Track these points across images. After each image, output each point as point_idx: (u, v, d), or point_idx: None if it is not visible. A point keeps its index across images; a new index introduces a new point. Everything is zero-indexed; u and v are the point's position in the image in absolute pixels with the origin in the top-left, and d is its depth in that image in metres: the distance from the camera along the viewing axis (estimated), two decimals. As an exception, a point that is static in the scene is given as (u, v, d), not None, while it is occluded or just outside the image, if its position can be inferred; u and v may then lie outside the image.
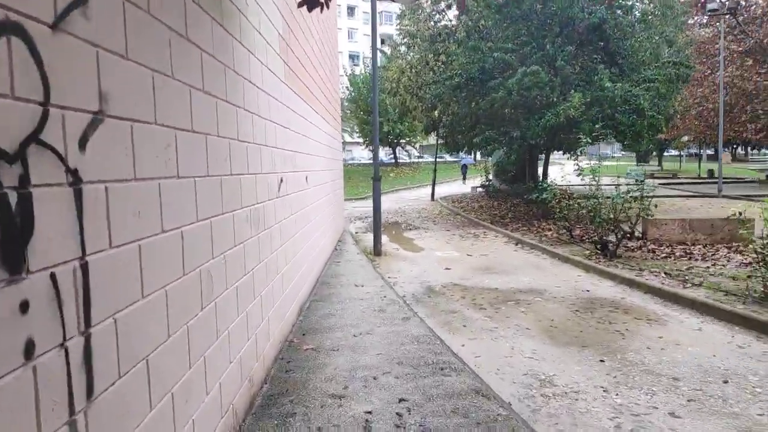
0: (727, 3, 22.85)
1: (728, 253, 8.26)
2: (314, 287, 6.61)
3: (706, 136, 29.20)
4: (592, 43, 12.13)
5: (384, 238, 10.95)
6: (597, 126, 11.71)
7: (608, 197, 8.70)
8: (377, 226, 9.40)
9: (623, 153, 56.97)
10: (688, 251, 8.53)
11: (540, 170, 17.38)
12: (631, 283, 6.80)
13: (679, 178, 32.87)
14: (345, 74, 43.23)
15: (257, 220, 3.93)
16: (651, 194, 8.31)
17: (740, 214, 6.39)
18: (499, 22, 12.90)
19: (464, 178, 30.42)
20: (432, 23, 15.27)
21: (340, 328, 4.97)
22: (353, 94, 41.88)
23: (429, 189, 25.79)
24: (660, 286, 6.43)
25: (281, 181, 4.83)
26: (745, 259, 7.77)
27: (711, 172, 32.41)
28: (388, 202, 20.03)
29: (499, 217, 14.28)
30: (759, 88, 23.32)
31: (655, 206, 8.18)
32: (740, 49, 23.48)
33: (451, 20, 15.63)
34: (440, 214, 16.46)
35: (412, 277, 7.69)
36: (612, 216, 8.47)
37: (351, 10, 69.22)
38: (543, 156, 16.62)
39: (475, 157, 52.16)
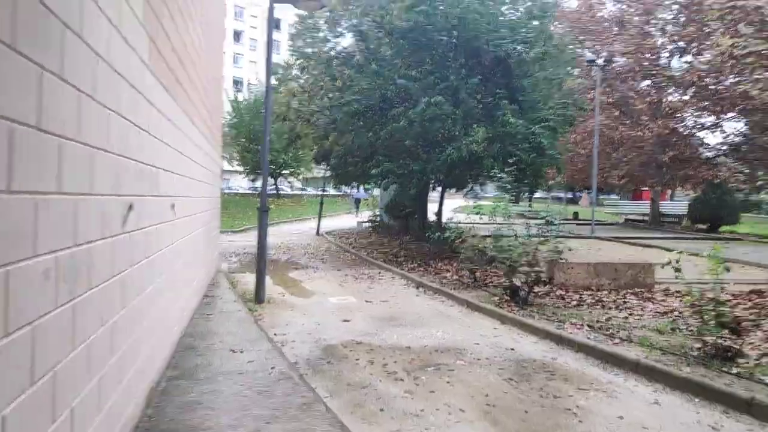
0: (602, 57, 24.82)
1: (639, 301, 7.90)
2: (173, 354, 4.93)
3: (576, 180, 31.31)
4: (495, 77, 11.82)
5: (267, 281, 9.36)
6: (498, 163, 11.33)
7: (518, 237, 8.06)
8: (261, 267, 7.85)
9: (495, 193, 60.25)
10: (597, 298, 8.08)
11: (430, 207, 16.89)
12: (557, 340, 5.99)
13: (547, 218, 34.93)
14: (228, 99, 40.96)
15: (73, 273, 2.37)
16: (562, 236, 7.76)
17: (676, 262, 5.85)
18: (401, 50, 12.21)
19: (357, 212, 29.49)
20: (328, 46, 14.24)
21: None
22: (235, 120, 39.64)
23: (313, 223, 24.45)
24: (589, 342, 5.68)
25: (130, 208, 3.27)
26: (658, 308, 7.42)
27: (576, 214, 34.80)
28: (270, 236, 18.18)
29: (392, 256, 13.30)
30: (623, 137, 25.39)
31: (569, 249, 7.65)
32: (609, 100, 25.49)
33: (345, 47, 14.75)
34: (328, 251, 15.15)
35: (305, 334, 6.26)
36: (526, 259, 7.78)
37: (237, 35, 67.04)
38: (435, 192, 16.16)
39: (363, 191, 52.11)
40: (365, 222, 22.64)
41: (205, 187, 7.59)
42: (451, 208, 25.74)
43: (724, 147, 27.51)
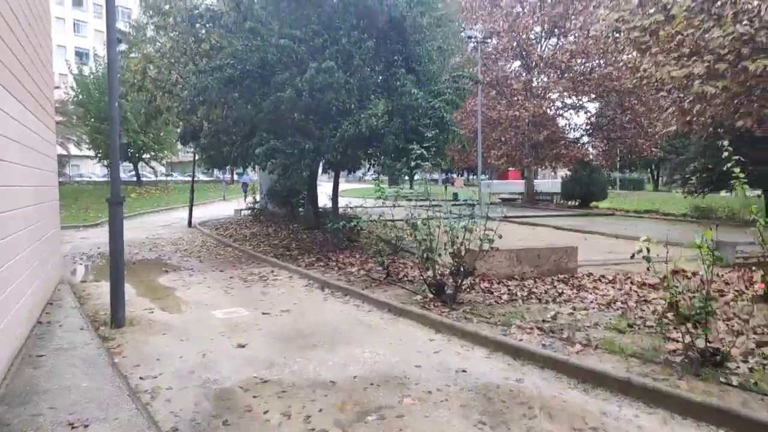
0: (475, 35, 24.70)
1: (572, 290, 7.15)
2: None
3: (455, 162, 31.50)
4: (390, 43, 10.50)
5: (129, 292, 7.26)
6: (400, 140, 10.11)
7: (441, 224, 6.91)
8: (117, 277, 5.82)
9: (374, 175, 59.63)
10: (527, 289, 7.21)
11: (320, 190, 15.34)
12: (512, 352, 4.88)
13: (430, 200, 35.03)
14: (71, 73, 35.31)
15: None
16: (496, 221, 6.72)
17: (647, 251, 4.92)
18: (280, 6, 10.40)
19: (245, 197, 26.58)
20: (191, 2, 11.94)
21: None
22: (81, 97, 34.30)
23: (183, 213, 21.81)
24: (554, 355, 4.65)
25: None
26: (597, 298, 6.71)
27: (455, 195, 35.34)
28: (132, 230, 15.53)
29: (283, 248, 11.60)
30: (501, 117, 25.72)
31: (500, 237, 6.62)
32: (486, 79, 25.58)
33: (211, 4, 12.51)
34: (205, 246, 13.00)
35: (186, 373, 4.50)
36: (451, 250, 6.64)
37: (78, -1, 58.61)
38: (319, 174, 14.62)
39: (231, 175, 48.40)
40: (244, 210, 20.45)
41: (25, 174, 5.38)
42: (326, 192, 24.39)
43: (588, 127, 29.23)
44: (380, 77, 10.74)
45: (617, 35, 13.11)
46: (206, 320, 6.22)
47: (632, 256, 4.67)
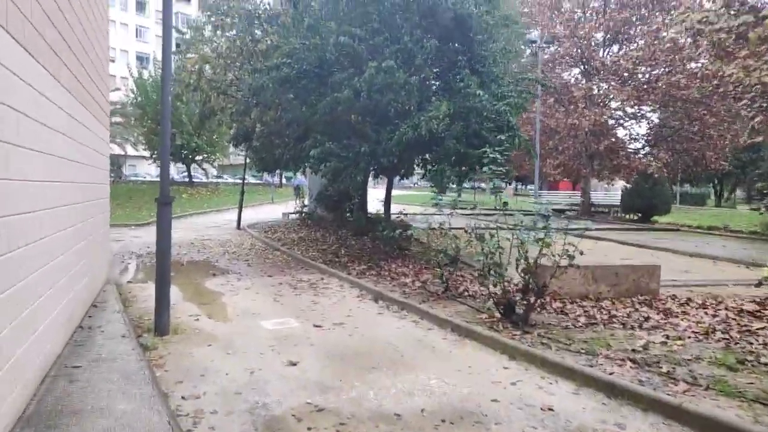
0: (536, 40, 23.83)
1: (659, 315, 6.33)
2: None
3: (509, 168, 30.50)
4: (454, 41, 9.91)
5: (175, 295, 6.94)
6: (461, 144, 9.50)
7: (507, 239, 6.25)
8: (162, 281, 5.44)
9: (419, 183, 58.52)
10: (606, 311, 6.44)
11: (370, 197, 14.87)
12: (606, 389, 4.16)
13: (480, 209, 34.06)
14: (131, 76, 36.47)
15: None
16: (580, 233, 6.01)
17: None
18: (340, 5, 9.97)
19: (297, 200, 26.42)
20: (250, 3, 11.74)
21: None
22: (140, 99, 35.24)
23: (231, 214, 21.88)
24: (662, 397, 3.91)
25: None
26: (690, 325, 5.87)
27: (506, 204, 34.19)
28: (180, 230, 15.50)
29: (332, 255, 11.15)
30: (559, 125, 24.63)
31: (581, 253, 5.91)
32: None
33: (270, 3, 12.28)
34: (253, 249, 12.71)
35: (233, 394, 4.02)
36: (524, 266, 5.98)
37: (140, 5, 60.92)
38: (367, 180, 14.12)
39: (280, 179, 48.72)
40: (291, 213, 20.24)
41: (68, 169, 5.07)
42: (375, 198, 24.00)
43: (650, 138, 27.69)
44: (440, 78, 10.14)
45: (698, 38, 12.05)
46: (254, 331, 5.77)
47: (758, 284, 3.89)
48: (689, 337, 5.44)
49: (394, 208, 21.64)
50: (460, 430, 3.53)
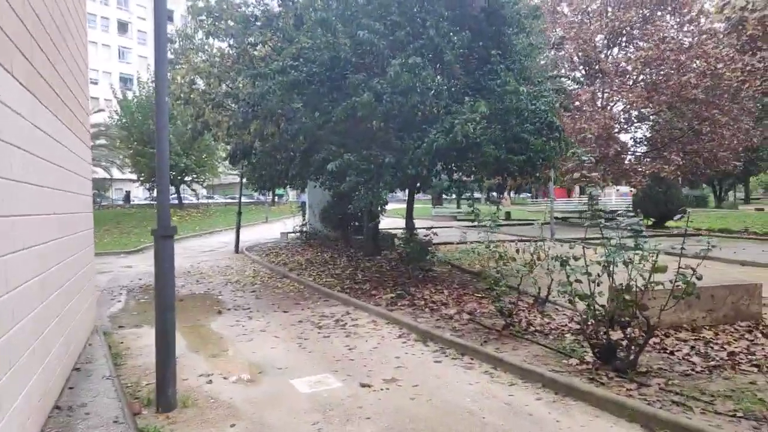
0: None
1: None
2: None
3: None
4: (486, 35, 8.73)
5: (178, 342, 5.52)
6: (500, 149, 8.29)
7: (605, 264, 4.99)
8: (164, 341, 4.09)
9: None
10: (720, 346, 5.20)
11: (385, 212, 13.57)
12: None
13: (482, 220, 32.88)
14: (115, 97, 35.26)
15: None
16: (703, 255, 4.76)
17: None
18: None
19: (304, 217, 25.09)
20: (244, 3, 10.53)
21: None
22: (124, 120, 33.87)
23: (225, 236, 20.65)
24: None
25: None
26: None
27: (508, 214, 33.22)
28: (175, 257, 14.04)
29: (348, 280, 9.82)
30: (567, 130, 23.60)
31: (699, 278, 4.68)
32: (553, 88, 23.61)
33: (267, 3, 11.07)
34: (258, 276, 11.33)
35: None
36: (628, 299, 4.73)
37: (123, 26, 59.64)
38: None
39: (273, 197, 47.25)
40: (291, 232, 18.92)
41: (52, 199, 3.74)
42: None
43: (657, 140, 26.81)
44: (470, 76, 8.94)
45: (740, 27, 11.01)
46: (286, 398, 4.42)
47: None
48: None
49: (392, 223, 20.38)
50: None
